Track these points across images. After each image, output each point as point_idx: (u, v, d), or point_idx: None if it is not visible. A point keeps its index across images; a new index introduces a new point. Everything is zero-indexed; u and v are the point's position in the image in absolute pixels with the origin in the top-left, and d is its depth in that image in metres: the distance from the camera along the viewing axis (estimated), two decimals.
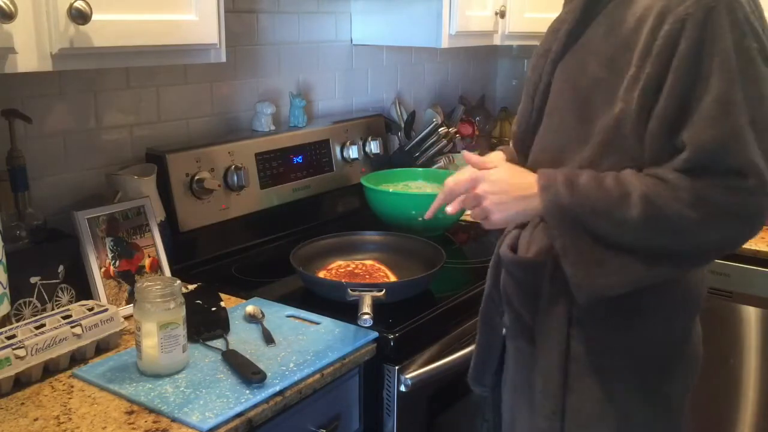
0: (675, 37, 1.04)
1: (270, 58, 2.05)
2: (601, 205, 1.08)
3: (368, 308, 1.35)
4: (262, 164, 1.91)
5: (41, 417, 1.10)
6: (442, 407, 1.58)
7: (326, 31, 2.23)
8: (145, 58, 1.32)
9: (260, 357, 1.27)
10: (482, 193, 1.18)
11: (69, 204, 1.57)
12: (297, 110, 2.08)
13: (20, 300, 1.34)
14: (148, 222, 1.54)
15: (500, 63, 3.10)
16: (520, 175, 1.19)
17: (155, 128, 1.78)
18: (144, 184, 1.58)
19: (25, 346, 1.17)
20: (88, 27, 1.15)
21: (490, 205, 1.17)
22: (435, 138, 2.29)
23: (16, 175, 1.40)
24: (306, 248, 1.69)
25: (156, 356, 1.20)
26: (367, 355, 1.36)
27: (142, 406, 1.13)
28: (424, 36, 2.10)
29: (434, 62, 2.74)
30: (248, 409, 1.13)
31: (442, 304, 1.54)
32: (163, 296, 1.20)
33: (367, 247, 1.79)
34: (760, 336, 2.05)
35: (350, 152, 2.17)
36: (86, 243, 1.43)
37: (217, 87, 1.92)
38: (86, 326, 1.27)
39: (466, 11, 2.08)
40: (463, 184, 1.21)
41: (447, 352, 1.50)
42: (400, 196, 2.02)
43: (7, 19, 1.02)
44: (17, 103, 1.46)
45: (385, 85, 2.51)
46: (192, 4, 1.33)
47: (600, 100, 1.12)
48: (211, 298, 1.45)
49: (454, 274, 1.73)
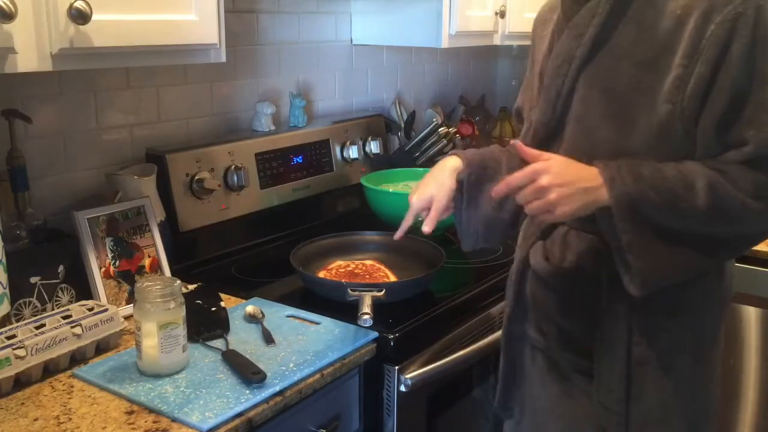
0: (725, 36, 1.05)
1: (270, 58, 2.05)
2: (668, 196, 1.08)
3: (368, 308, 1.35)
4: (262, 164, 1.91)
5: (41, 417, 1.10)
6: (442, 407, 1.58)
7: (326, 31, 2.23)
8: (145, 58, 1.32)
9: (260, 357, 1.27)
10: (547, 185, 1.10)
11: (69, 204, 1.57)
12: (297, 110, 2.08)
13: (20, 300, 1.34)
14: (148, 222, 1.54)
15: (500, 63, 3.10)
16: (581, 167, 1.14)
17: (155, 128, 1.77)
18: (144, 184, 1.58)
19: (25, 346, 1.17)
20: (88, 27, 1.15)
21: (557, 198, 1.10)
22: (435, 138, 2.29)
23: (16, 175, 1.40)
24: (306, 248, 1.69)
25: (156, 356, 1.20)
26: (367, 355, 1.36)
27: (142, 406, 1.13)
28: (424, 36, 2.10)
29: (434, 62, 2.74)
30: (248, 409, 1.13)
31: (442, 304, 1.54)
32: (163, 296, 1.20)
33: (367, 247, 1.79)
34: (760, 336, 2.05)
35: (350, 152, 2.17)
36: (86, 243, 1.43)
37: (217, 87, 1.92)
38: (86, 326, 1.27)
39: (466, 11, 2.08)
40: (523, 176, 1.13)
41: (447, 352, 1.49)
42: (400, 196, 2.01)
43: (7, 19, 1.02)
44: (17, 103, 1.46)
45: (385, 85, 2.51)
46: (192, 4, 1.33)
47: (640, 103, 1.12)
48: (211, 298, 1.45)
49: (454, 274, 1.73)
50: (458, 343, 1.54)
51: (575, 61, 1.18)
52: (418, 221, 1.34)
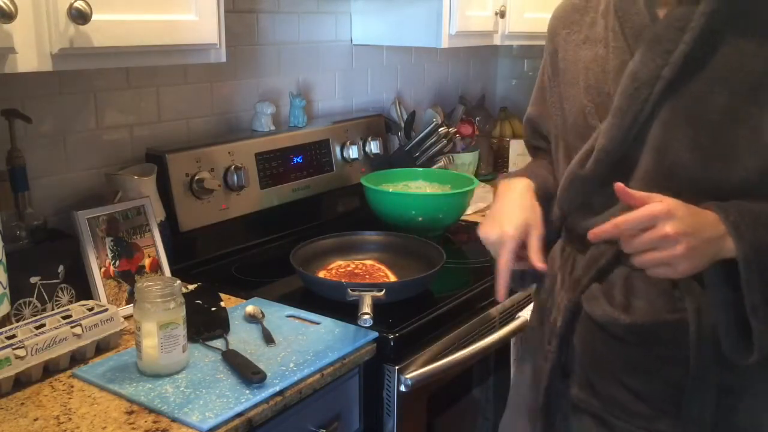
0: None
1: (270, 58, 2.05)
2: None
3: (368, 308, 1.35)
4: (262, 164, 1.91)
5: (41, 417, 1.10)
6: (442, 407, 1.58)
7: (326, 31, 2.23)
8: (145, 58, 1.32)
9: (260, 357, 1.27)
10: (673, 233, 0.92)
11: (69, 204, 1.57)
12: (297, 110, 2.08)
13: (20, 300, 1.34)
14: (148, 222, 1.54)
15: (500, 63, 3.10)
16: (699, 211, 0.97)
17: (155, 128, 1.78)
18: (144, 184, 1.58)
19: (25, 346, 1.17)
20: (88, 27, 1.15)
21: (684, 251, 0.92)
22: (435, 138, 2.29)
23: (16, 175, 1.40)
24: (306, 248, 1.69)
25: (156, 356, 1.20)
26: (367, 355, 1.36)
27: (142, 406, 1.13)
28: (424, 36, 2.10)
29: (434, 62, 2.74)
30: (248, 409, 1.13)
31: (442, 304, 1.54)
32: (163, 296, 1.20)
33: (367, 247, 1.79)
34: None
35: (350, 152, 2.17)
36: (86, 243, 1.43)
37: (217, 87, 1.92)
38: (86, 326, 1.27)
39: (466, 11, 2.08)
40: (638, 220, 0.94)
41: (447, 352, 1.49)
42: (400, 196, 2.02)
43: (7, 19, 1.02)
44: (17, 103, 1.46)
45: (385, 85, 2.51)
46: (192, 4, 1.33)
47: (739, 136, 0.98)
48: (211, 298, 1.45)
49: (454, 274, 1.73)
50: (458, 343, 1.54)
51: (660, 82, 1.01)
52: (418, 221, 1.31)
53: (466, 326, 1.57)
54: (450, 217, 2.01)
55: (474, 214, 2.21)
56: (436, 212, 1.97)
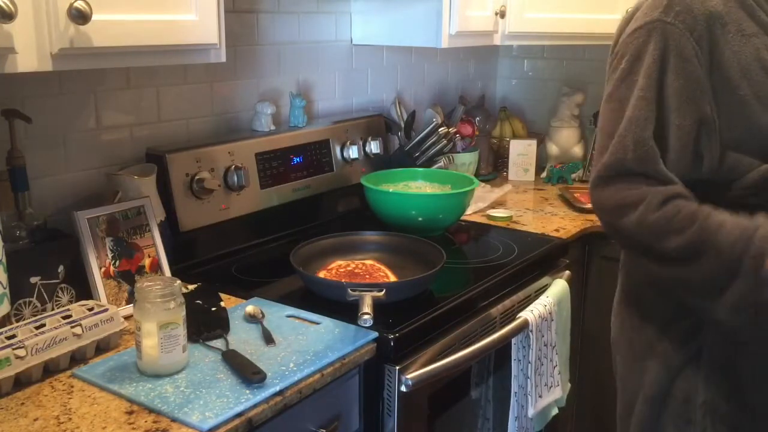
0: None
1: (270, 58, 2.05)
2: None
3: (368, 308, 1.35)
4: (262, 164, 1.91)
5: (41, 417, 1.10)
6: (442, 407, 1.58)
7: (326, 31, 2.23)
8: (145, 58, 1.32)
9: (260, 357, 1.27)
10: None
11: (69, 204, 1.57)
12: (297, 110, 2.08)
13: (20, 300, 1.34)
14: (148, 222, 1.54)
15: (500, 63, 3.10)
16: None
17: (155, 128, 1.78)
18: (144, 184, 1.58)
19: (25, 346, 1.17)
20: (88, 27, 1.15)
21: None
22: (435, 138, 2.29)
23: (16, 175, 1.40)
24: (306, 248, 1.69)
25: (156, 356, 1.20)
26: (367, 355, 1.36)
27: (142, 406, 1.13)
28: (424, 36, 2.11)
29: (434, 62, 2.74)
30: (248, 409, 1.13)
31: (442, 304, 1.54)
32: (163, 296, 1.20)
33: (367, 247, 1.79)
34: None
35: (350, 152, 2.17)
36: (86, 243, 1.43)
37: (217, 87, 1.92)
38: (86, 326, 1.27)
39: (466, 11, 2.08)
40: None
41: (447, 352, 1.49)
42: (400, 196, 2.02)
43: (7, 19, 1.02)
44: (17, 103, 1.46)
45: (385, 85, 2.51)
46: (192, 4, 1.33)
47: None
48: (211, 298, 1.45)
49: (454, 274, 1.73)
50: (458, 343, 1.53)
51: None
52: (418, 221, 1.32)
53: (466, 326, 1.57)
54: (450, 217, 2.01)
55: (474, 214, 2.21)
56: (436, 212, 1.97)
